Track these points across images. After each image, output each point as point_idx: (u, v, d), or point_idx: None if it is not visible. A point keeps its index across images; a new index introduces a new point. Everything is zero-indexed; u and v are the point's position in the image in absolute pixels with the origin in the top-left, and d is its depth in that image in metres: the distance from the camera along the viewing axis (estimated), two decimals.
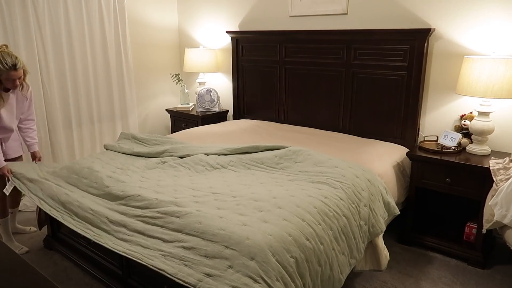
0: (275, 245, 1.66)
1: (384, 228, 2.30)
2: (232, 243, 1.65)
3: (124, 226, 1.96)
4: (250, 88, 4.00)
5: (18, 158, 2.80)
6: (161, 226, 1.89)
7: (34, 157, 2.83)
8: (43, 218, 2.71)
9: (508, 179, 2.15)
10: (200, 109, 4.13)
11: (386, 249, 2.29)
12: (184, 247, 1.71)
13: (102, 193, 2.29)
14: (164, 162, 2.75)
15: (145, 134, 3.25)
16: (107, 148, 3.07)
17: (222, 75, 4.34)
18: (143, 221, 1.96)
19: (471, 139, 2.70)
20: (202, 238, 1.72)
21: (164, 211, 1.94)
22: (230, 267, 1.58)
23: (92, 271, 2.38)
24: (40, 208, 2.66)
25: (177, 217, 1.88)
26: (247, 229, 1.72)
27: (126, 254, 1.79)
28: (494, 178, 2.25)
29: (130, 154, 2.90)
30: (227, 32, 4.00)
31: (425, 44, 2.83)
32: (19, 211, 3.30)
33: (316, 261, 1.78)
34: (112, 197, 2.23)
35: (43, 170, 2.65)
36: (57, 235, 2.68)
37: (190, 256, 1.66)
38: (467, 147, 2.70)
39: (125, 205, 2.14)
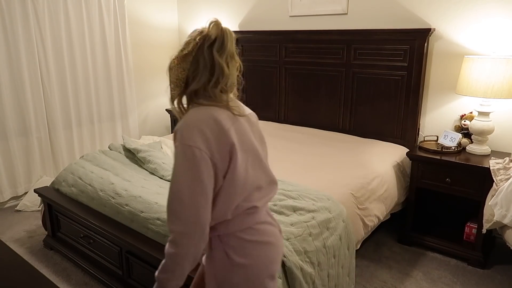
0: None
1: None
2: None
3: None
4: (250, 88, 3.99)
5: None
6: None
7: None
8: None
9: (508, 179, 2.15)
10: None
11: None
12: None
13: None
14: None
15: (140, 144, 2.98)
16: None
17: None
18: None
19: (471, 139, 2.70)
20: None
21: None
22: None
23: (92, 271, 2.38)
24: (44, 209, 2.66)
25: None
26: None
27: None
28: (494, 178, 2.25)
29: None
30: None
31: (425, 44, 2.83)
32: (19, 211, 3.31)
33: None
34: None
35: None
36: (57, 235, 2.68)
37: None
38: (467, 147, 2.70)
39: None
